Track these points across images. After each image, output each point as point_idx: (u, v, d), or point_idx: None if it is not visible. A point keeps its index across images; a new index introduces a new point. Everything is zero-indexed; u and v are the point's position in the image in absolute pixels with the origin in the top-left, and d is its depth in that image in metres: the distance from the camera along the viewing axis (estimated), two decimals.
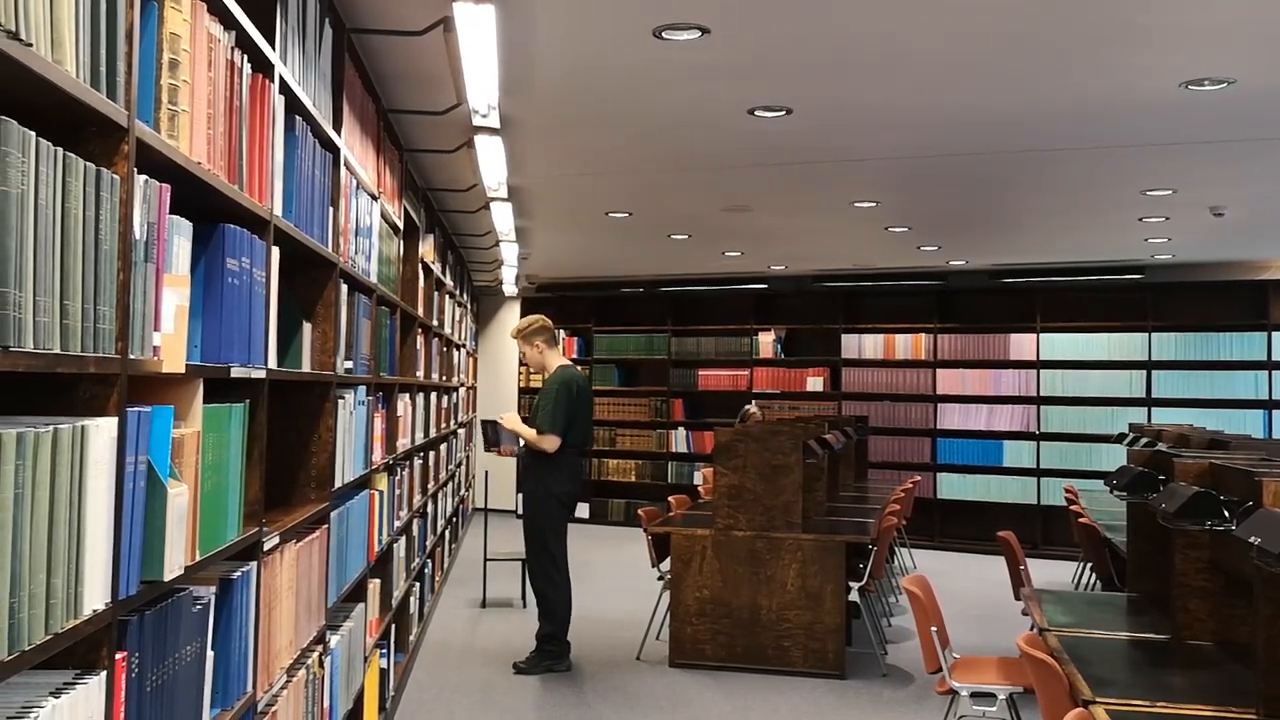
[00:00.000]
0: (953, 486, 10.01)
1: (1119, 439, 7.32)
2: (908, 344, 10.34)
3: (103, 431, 1.40)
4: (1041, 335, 9.84)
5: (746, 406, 9.17)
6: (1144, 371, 9.54)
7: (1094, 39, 3.67)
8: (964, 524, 9.97)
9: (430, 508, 6.59)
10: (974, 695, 3.61)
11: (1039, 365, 9.82)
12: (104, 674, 1.43)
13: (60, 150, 1.27)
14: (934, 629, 3.62)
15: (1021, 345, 9.91)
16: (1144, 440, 5.95)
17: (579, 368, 6.67)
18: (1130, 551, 4.05)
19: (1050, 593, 4.03)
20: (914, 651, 5.70)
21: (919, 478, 9.14)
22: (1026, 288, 9.97)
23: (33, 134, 1.20)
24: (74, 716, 1.32)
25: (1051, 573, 8.14)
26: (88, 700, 1.37)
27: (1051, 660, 2.75)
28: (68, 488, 1.30)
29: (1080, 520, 5.86)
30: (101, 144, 1.46)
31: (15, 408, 1.45)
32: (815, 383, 10.68)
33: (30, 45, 1.19)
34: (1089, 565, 6.15)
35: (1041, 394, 9.78)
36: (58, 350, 1.28)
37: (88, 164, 1.36)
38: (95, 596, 1.39)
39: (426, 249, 6.05)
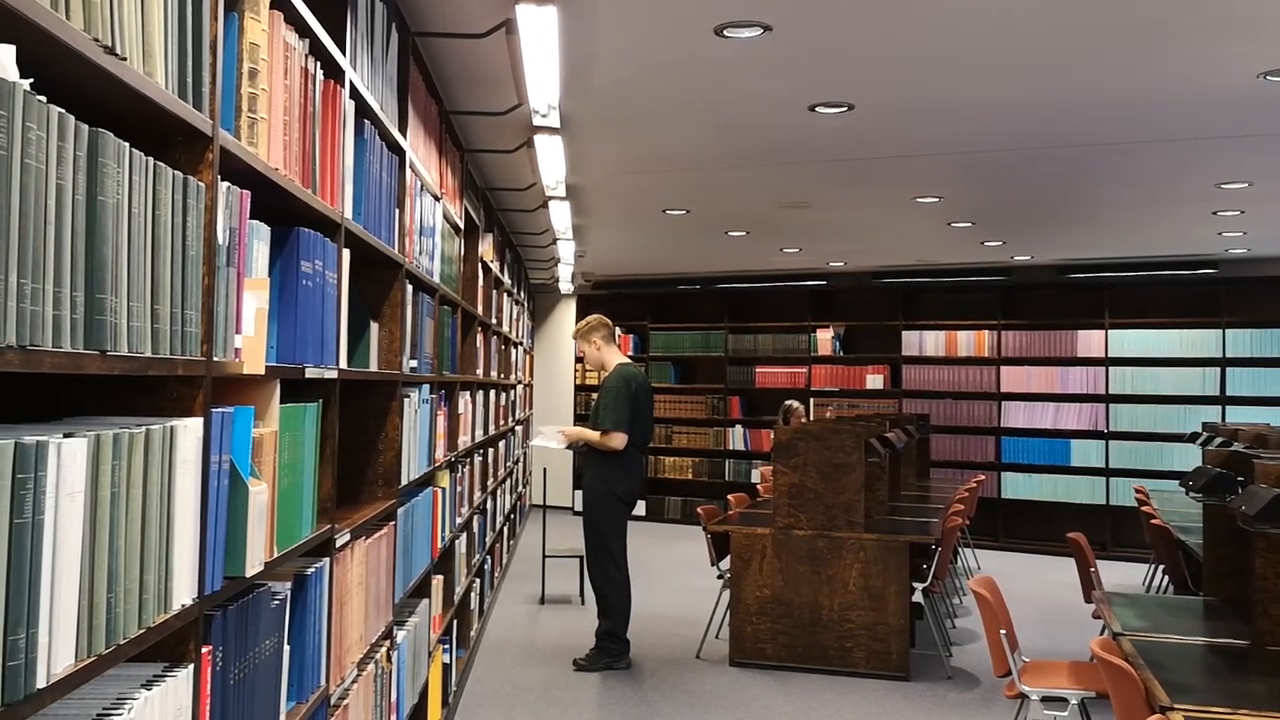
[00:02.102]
0: (1018, 486, 9.85)
1: (1192, 438, 7.14)
2: (970, 341, 10.19)
3: (190, 432, 1.44)
4: (1110, 331, 9.63)
5: (789, 402, 9.05)
6: (1218, 369, 9.30)
7: (1167, 29, 3.59)
8: (1030, 524, 9.81)
9: (490, 504, 6.66)
10: (1045, 700, 3.55)
11: (1108, 362, 9.61)
12: (191, 667, 1.47)
13: (151, 160, 1.31)
14: (1003, 631, 3.57)
15: (1090, 341, 9.72)
16: (1219, 440, 5.80)
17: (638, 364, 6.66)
18: (1207, 554, 3.95)
19: (1122, 596, 3.96)
20: (979, 654, 5.63)
21: (983, 477, 9.01)
22: (1095, 283, 9.77)
23: (126, 145, 1.24)
24: (164, 708, 1.36)
25: (1121, 575, 7.97)
26: (177, 693, 1.41)
27: (1127, 665, 2.70)
28: (159, 486, 1.34)
29: (1153, 522, 5.73)
30: (187, 153, 1.50)
31: (103, 408, 1.50)
32: (875, 380, 10.58)
33: (125, 59, 1.22)
34: (1161, 568, 6.02)
35: (1110, 392, 9.57)
36: (149, 353, 1.31)
37: (175, 172, 1.39)
38: (183, 591, 1.43)
39: (486, 248, 6.11)
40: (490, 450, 6.67)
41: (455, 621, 4.77)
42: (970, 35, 3.68)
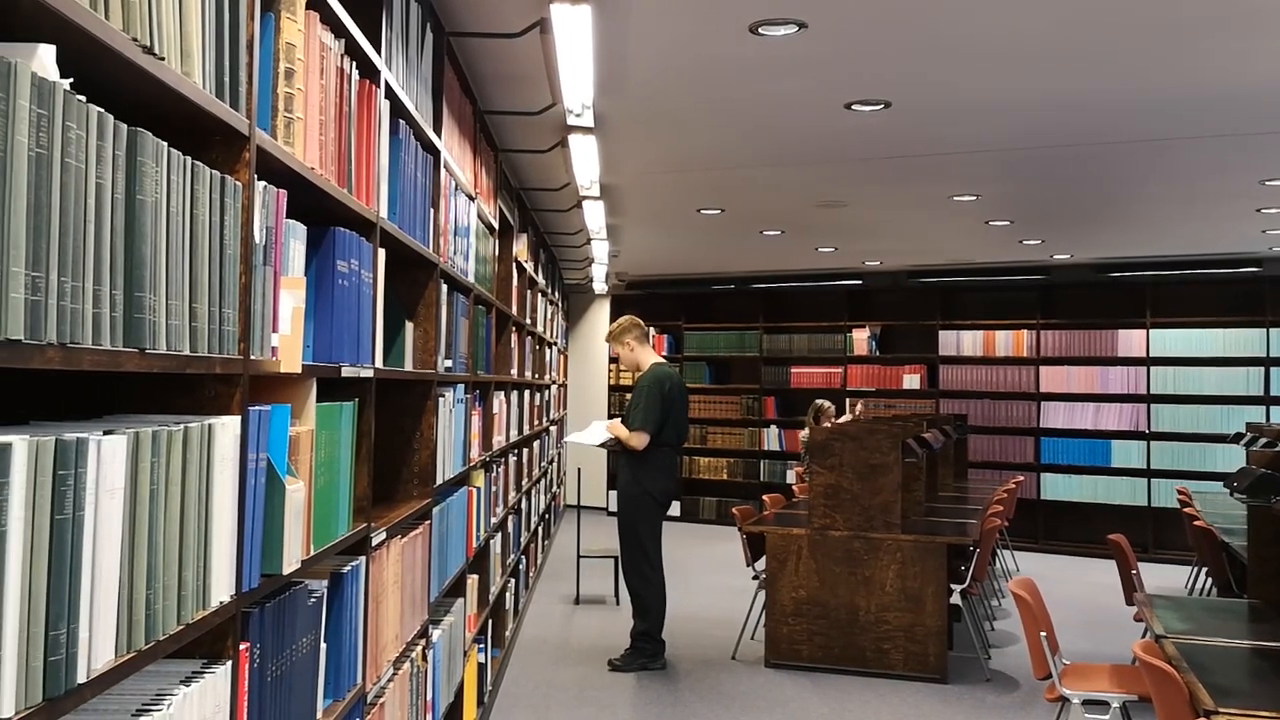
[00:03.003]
0: (1058, 487, 9.73)
1: (1235, 439, 7.02)
2: (1009, 340, 10.08)
3: (228, 430, 1.45)
4: (1152, 331, 9.49)
5: (819, 401, 9.02)
6: (1262, 368, 9.12)
7: (1209, 22, 3.52)
8: (1069, 526, 9.69)
9: (524, 504, 6.67)
10: (1086, 703, 3.50)
11: (1149, 362, 9.47)
12: (229, 664, 1.48)
13: (189, 159, 1.32)
14: (1043, 634, 3.52)
15: (1130, 341, 9.58)
16: (1263, 440, 5.69)
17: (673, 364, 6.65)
18: (1251, 557, 3.88)
19: (1165, 598, 3.89)
20: (1018, 656, 5.56)
21: (1022, 478, 8.91)
22: (1136, 281, 9.62)
23: (165, 144, 1.25)
24: (203, 704, 1.37)
25: (1163, 577, 7.84)
26: (215, 689, 1.42)
27: (1170, 668, 2.65)
28: (197, 484, 1.34)
29: (1196, 524, 5.63)
30: (224, 152, 1.51)
31: (142, 406, 1.51)
32: (912, 380, 10.49)
33: (163, 59, 1.23)
34: (1204, 570, 5.91)
35: (1152, 392, 9.43)
36: (187, 351, 1.32)
37: (213, 172, 1.40)
38: (221, 589, 1.44)
39: (520, 248, 6.13)
40: (525, 450, 6.69)
41: (490, 621, 4.78)
42: (1008, 31, 3.63)
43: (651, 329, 11.53)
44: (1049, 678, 3.54)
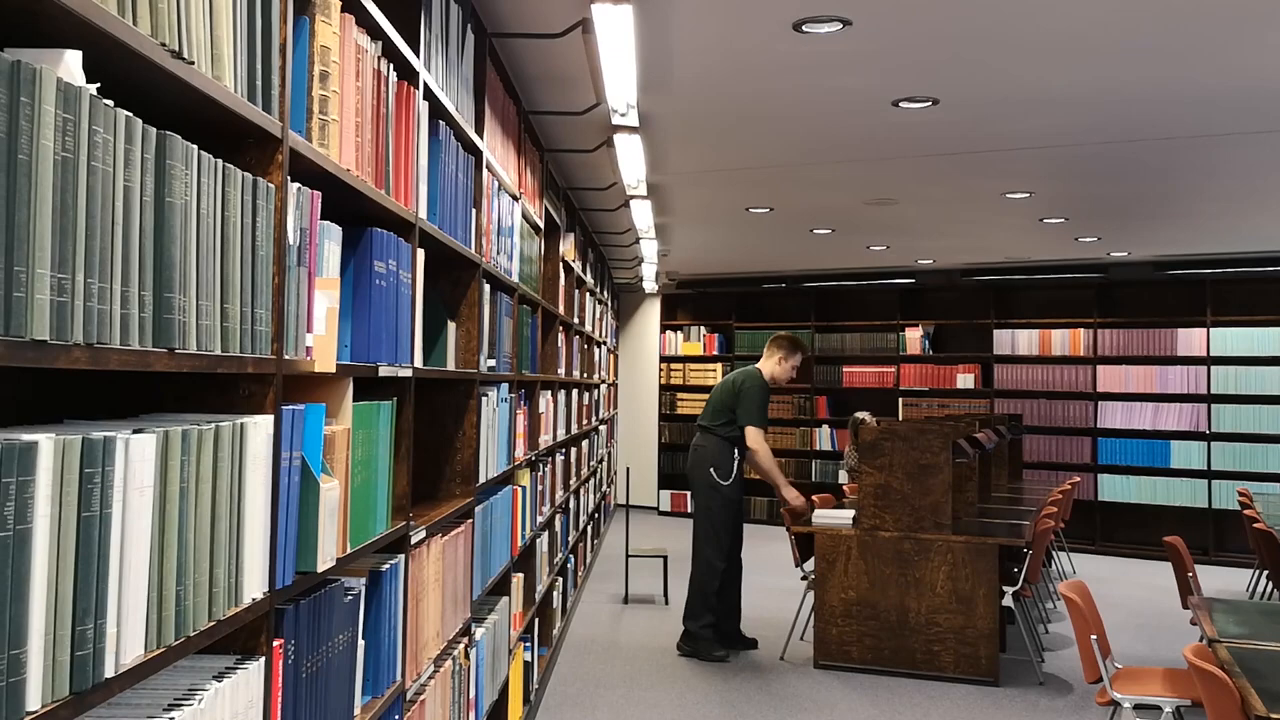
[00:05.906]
0: (1115, 488, 9.53)
1: None
2: (1065, 339, 9.90)
3: (260, 429, 1.47)
4: (1212, 329, 9.25)
5: (859, 414, 8.99)
6: None
7: (1267, 13, 3.42)
8: (1128, 528, 9.48)
9: (572, 503, 6.69)
10: (1137, 707, 3.42)
11: (1209, 361, 9.23)
12: (263, 660, 1.49)
13: (220, 162, 1.34)
14: (1094, 637, 3.45)
15: (1190, 340, 9.35)
16: None
17: (748, 366, 6.81)
18: None
19: (1222, 602, 3.79)
20: (1073, 659, 5.46)
21: (1078, 479, 8.75)
22: (1196, 279, 9.39)
23: (195, 147, 1.26)
24: (235, 700, 1.39)
25: (1224, 581, 7.64)
26: (248, 684, 1.43)
27: (1221, 673, 2.58)
28: (229, 482, 1.36)
29: (1256, 526, 5.48)
30: (257, 154, 1.53)
31: (180, 406, 1.53)
32: (965, 380, 10.34)
33: (192, 64, 1.25)
34: (1265, 573, 5.75)
35: (1213, 391, 9.20)
36: (219, 351, 1.34)
37: (245, 174, 1.42)
38: (254, 585, 1.46)
39: (567, 247, 6.14)
40: (573, 449, 6.71)
41: (537, 619, 4.80)
42: (1059, 23, 3.56)
43: (701, 328, 11.57)
44: (1100, 681, 3.47)
